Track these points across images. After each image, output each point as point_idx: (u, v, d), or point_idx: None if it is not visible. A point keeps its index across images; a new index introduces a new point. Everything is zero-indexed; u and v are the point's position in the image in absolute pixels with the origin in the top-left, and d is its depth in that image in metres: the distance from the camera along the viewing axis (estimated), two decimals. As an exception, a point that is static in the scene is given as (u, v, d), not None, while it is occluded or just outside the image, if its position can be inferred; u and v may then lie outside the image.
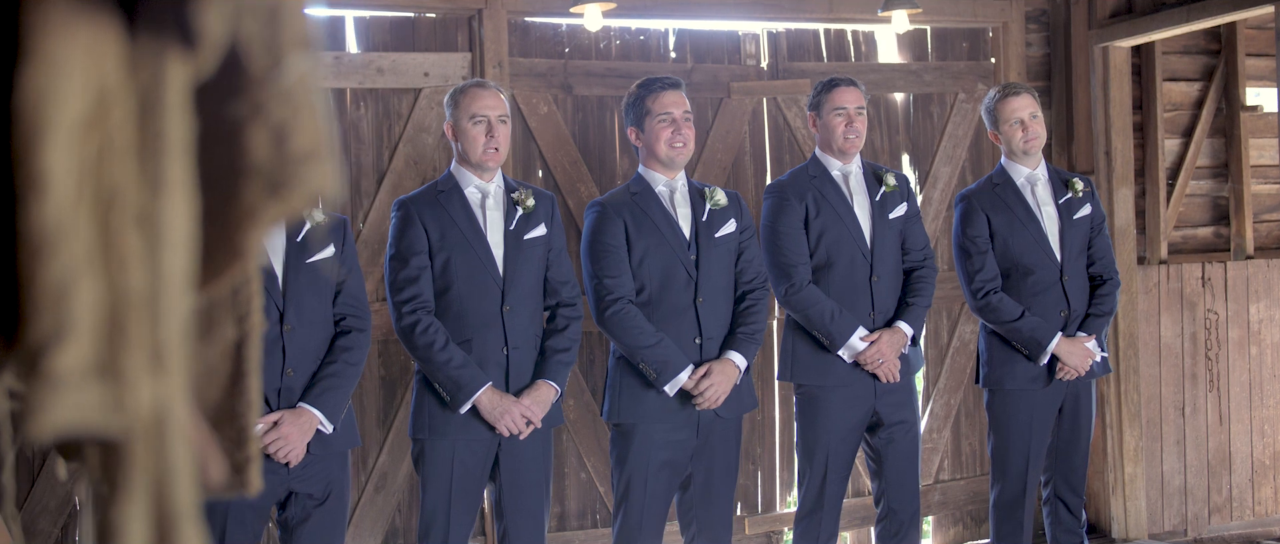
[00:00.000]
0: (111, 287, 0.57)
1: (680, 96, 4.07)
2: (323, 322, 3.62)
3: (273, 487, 3.54)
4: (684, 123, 4.05)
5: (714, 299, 4.07)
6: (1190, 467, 6.35)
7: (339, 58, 5.19)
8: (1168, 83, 6.48)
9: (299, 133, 0.65)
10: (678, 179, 4.12)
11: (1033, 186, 4.69)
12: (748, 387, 4.19)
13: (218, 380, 0.94)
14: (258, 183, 0.64)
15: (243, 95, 0.65)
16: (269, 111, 0.64)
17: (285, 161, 0.65)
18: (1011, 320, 4.60)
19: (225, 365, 0.94)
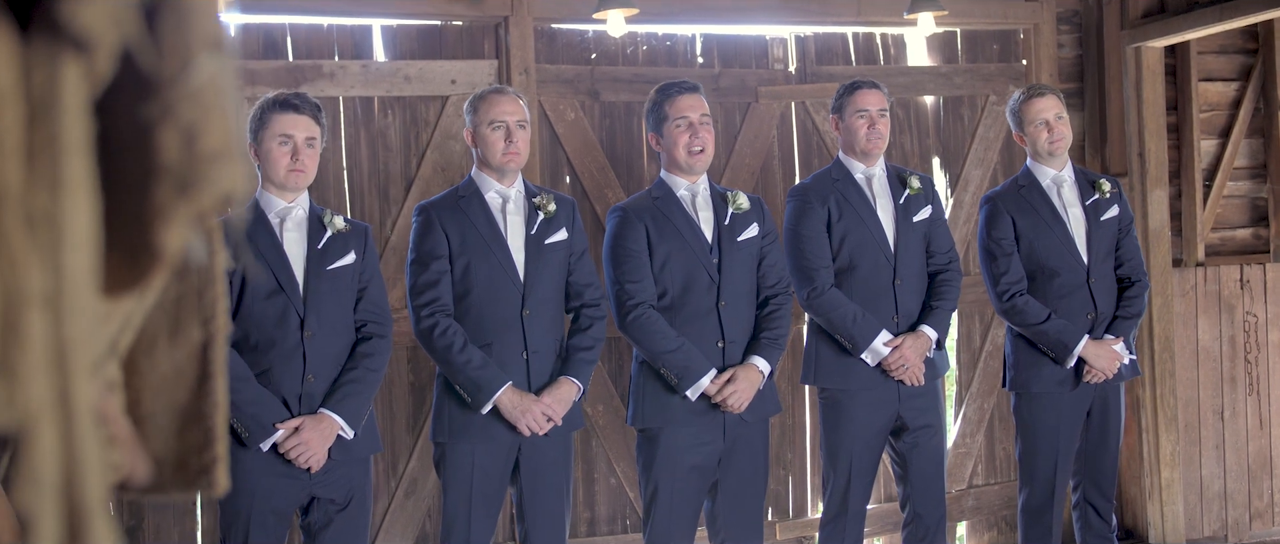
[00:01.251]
0: (2, 286, 0.58)
1: (697, 100, 4.06)
2: (344, 328, 3.64)
3: (295, 492, 3.57)
4: (702, 126, 4.03)
5: (736, 303, 4.06)
6: (1230, 471, 6.26)
7: (366, 66, 5.23)
8: (1204, 83, 6.40)
9: (208, 133, 0.66)
10: (700, 183, 4.11)
11: (1059, 188, 4.65)
12: (771, 391, 4.18)
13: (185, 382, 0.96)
14: (168, 183, 0.65)
15: (153, 97, 0.65)
16: (178, 113, 0.65)
17: (194, 162, 0.66)
18: (1037, 323, 4.55)
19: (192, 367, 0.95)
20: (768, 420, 4.19)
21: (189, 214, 0.66)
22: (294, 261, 3.60)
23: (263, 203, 3.63)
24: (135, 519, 4.88)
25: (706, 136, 4.04)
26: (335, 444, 3.57)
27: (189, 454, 0.96)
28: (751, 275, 4.10)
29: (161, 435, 0.96)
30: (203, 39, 0.66)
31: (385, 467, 5.25)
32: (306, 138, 3.58)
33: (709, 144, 4.05)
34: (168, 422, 0.96)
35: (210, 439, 0.95)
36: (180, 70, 0.65)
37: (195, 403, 0.95)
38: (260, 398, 3.49)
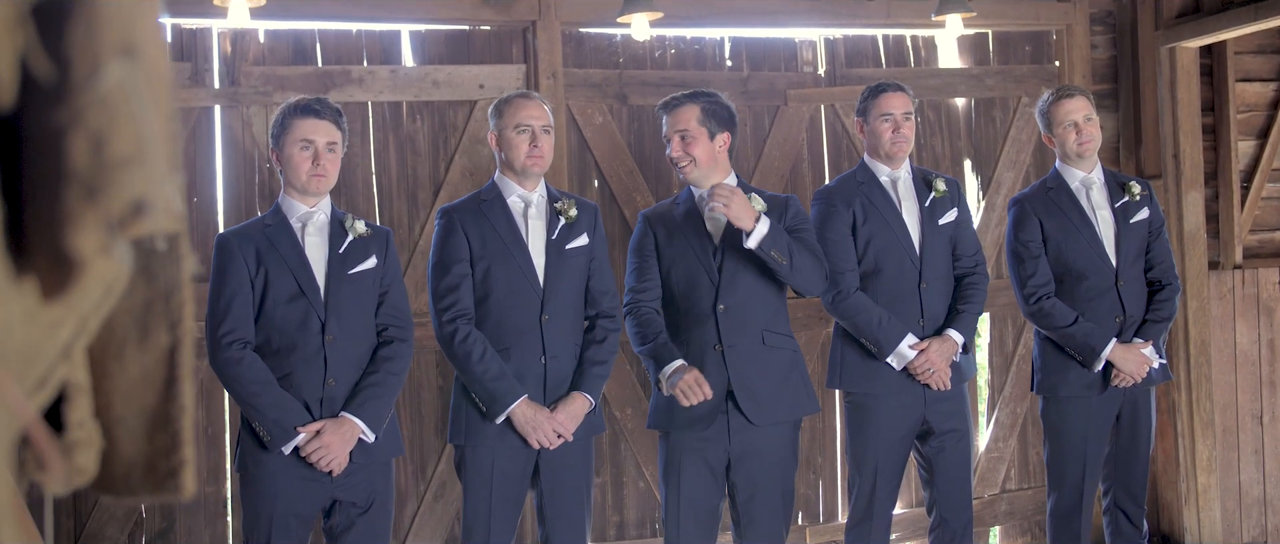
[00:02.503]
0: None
1: (679, 114, 4.03)
2: (365, 332, 3.66)
3: (316, 495, 3.59)
4: (682, 142, 4.02)
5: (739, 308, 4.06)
6: (1269, 476, 6.17)
7: (395, 71, 5.27)
8: (1241, 83, 6.31)
9: (116, 139, 0.66)
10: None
11: (1088, 190, 4.60)
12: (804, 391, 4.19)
13: (153, 386, 0.96)
14: (76, 188, 0.66)
15: (64, 103, 0.66)
16: (86, 119, 0.66)
17: (102, 167, 0.66)
18: (1065, 326, 4.50)
19: (160, 371, 0.96)
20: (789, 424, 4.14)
21: (97, 219, 0.67)
22: (315, 266, 3.61)
23: (284, 207, 3.66)
24: (167, 522, 4.93)
25: (691, 150, 4.05)
26: (357, 447, 3.59)
27: (157, 457, 0.96)
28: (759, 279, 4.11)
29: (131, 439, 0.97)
30: (112, 45, 0.66)
31: (414, 470, 5.28)
32: (328, 143, 3.60)
33: (692, 155, 4.05)
34: (137, 425, 0.96)
35: (177, 443, 0.95)
36: (89, 77, 0.66)
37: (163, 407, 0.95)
38: (282, 402, 3.51)
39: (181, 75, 4.97)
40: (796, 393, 4.10)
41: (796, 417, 4.12)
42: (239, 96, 5.02)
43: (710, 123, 4.07)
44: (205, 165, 5.02)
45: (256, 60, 5.09)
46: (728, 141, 4.13)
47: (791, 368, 4.10)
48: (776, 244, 3.91)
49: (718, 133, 4.09)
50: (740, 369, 4.03)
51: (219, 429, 4.98)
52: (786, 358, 4.09)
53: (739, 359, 4.02)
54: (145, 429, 0.97)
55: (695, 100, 4.09)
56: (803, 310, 5.64)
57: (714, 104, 4.11)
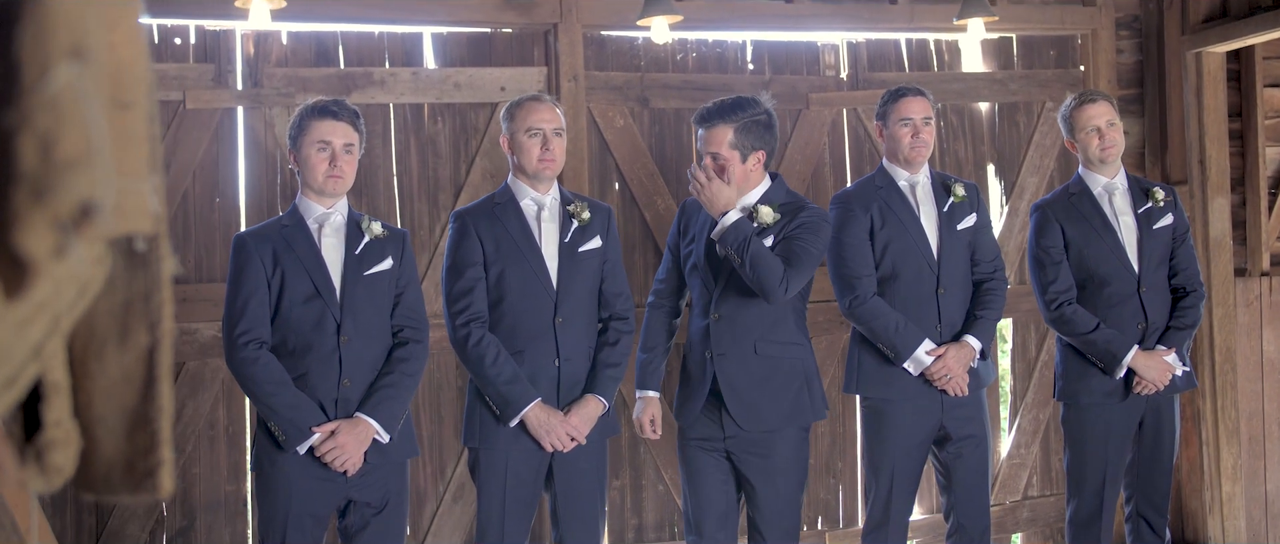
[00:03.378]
0: None
1: (713, 134, 4.00)
2: (380, 333, 3.68)
3: (331, 495, 3.61)
4: (714, 163, 3.99)
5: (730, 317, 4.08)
6: (1295, 486, 6.11)
7: (417, 73, 5.29)
8: (1270, 89, 6.25)
9: (64, 141, 0.67)
10: (747, 198, 4.07)
11: (1110, 196, 4.56)
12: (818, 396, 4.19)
13: (133, 385, 0.97)
14: (25, 189, 0.66)
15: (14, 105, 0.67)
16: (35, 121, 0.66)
17: (50, 169, 0.67)
18: (1086, 332, 4.47)
19: (140, 371, 0.97)
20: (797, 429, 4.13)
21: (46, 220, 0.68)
22: (331, 267, 3.63)
23: (302, 208, 3.68)
24: (188, 520, 4.96)
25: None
26: (371, 448, 3.61)
27: (136, 457, 0.97)
28: None
29: (112, 438, 0.98)
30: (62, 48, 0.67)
31: (433, 470, 5.30)
32: (345, 144, 3.62)
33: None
34: (117, 424, 0.97)
35: (155, 442, 0.96)
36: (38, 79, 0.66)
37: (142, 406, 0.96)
38: (297, 402, 3.53)
39: (204, 77, 5.01)
40: (796, 401, 4.05)
41: (793, 424, 4.06)
42: (261, 98, 5.05)
43: (743, 144, 3.99)
44: (228, 166, 5.05)
45: (279, 62, 5.13)
46: (762, 159, 4.05)
47: (791, 376, 4.05)
48: (735, 240, 3.86)
49: (751, 153, 4.01)
50: (728, 377, 4.03)
51: (240, 428, 5.01)
52: (785, 366, 4.05)
53: (727, 367, 4.03)
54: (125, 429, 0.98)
55: (730, 118, 3.97)
56: (824, 315, 5.63)
57: (750, 120, 3.99)
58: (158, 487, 0.97)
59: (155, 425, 0.96)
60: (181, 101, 4.97)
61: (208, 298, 4.82)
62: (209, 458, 4.99)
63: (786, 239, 3.97)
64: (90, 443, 0.98)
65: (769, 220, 3.96)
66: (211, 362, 4.83)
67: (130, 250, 0.95)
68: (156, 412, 0.96)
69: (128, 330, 0.96)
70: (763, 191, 4.07)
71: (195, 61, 5.03)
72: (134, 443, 0.97)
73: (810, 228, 4.00)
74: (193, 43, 5.04)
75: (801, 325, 4.16)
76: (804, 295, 4.17)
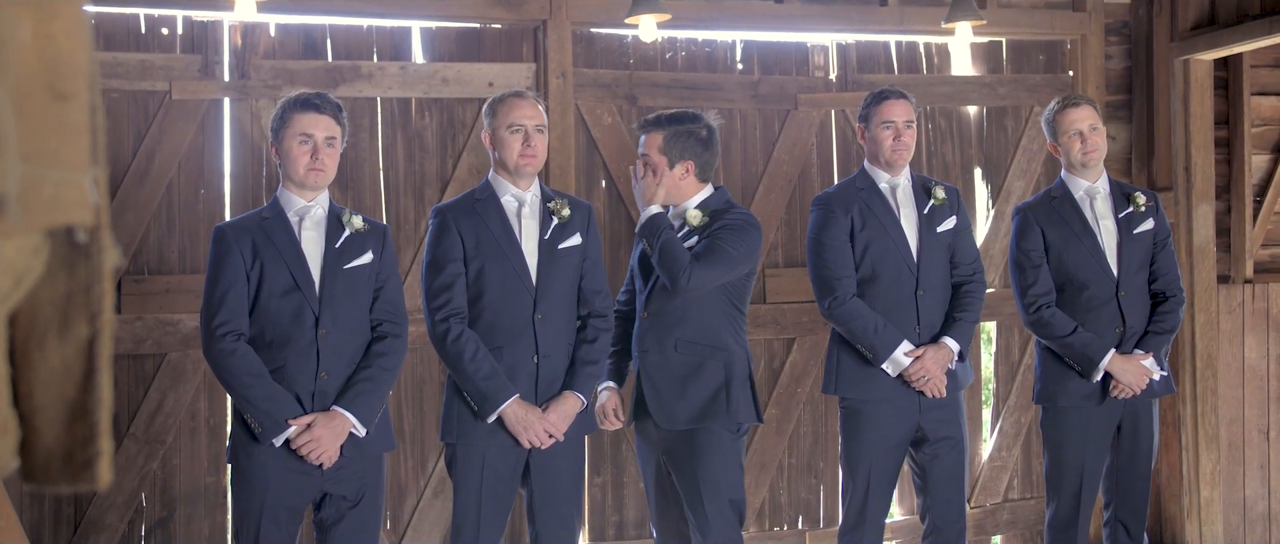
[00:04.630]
0: None
1: (647, 139, 4.11)
2: (358, 326, 3.68)
3: (307, 488, 3.61)
4: (645, 165, 4.10)
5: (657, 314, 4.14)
6: (1275, 492, 6.13)
7: (405, 68, 5.29)
8: (1256, 97, 6.27)
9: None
10: (684, 205, 4.13)
11: (1092, 200, 4.57)
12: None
13: (73, 377, 0.97)
14: None
15: None
16: None
17: None
18: (1063, 336, 4.48)
19: (79, 362, 0.97)
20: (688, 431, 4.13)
21: None
22: (311, 260, 3.63)
23: (282, 201, 3.68)
24: (167, 511, 4.97)
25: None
26: (348, 441, 3.61)
27: (75, 448, 0.97)
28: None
29: (51, 429, 0.98)
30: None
31: (414, 465, 5.30)
32: (326, 137, 3.62)
33: (649, 180, 4.10)
34: (57, 415, 0.98)
35: (94, 433, 0.97)
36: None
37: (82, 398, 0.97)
38: (274, 394, 3.53)
39: (191, 67, 5.01)
40: (712, 402, 4.03)
41: (708, 424, 4.04)
42: (248, 89, 5.05)
43: (671, 151, 4.08)
44: (213, 157, 5.05)
45: (267, 54, 5.13)
46: (690, 168, 4.10)
47: (711, 377, 4.04)
48: (649, 231, 3.99)
49: (679, 161, 4.08)
50: (649, 373, 4.09)
51: (221, 420, 5.01)
52: (707, 367, 4.04)
53: (649, 363, 4.09)
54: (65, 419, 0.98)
55: (665, 127, 4.10)
56: (807, 316, 5.64)
57: (684, 131, 4.08)
58: (96, 478, 0.97)
59: (94, 417, 0.97)
60: (168, 92, 4.97)
61: (191, 289, 4.82)
62: (189, 449, 5.00)
63: (709, 236, 4.01)
64: (30, 433, 0.99)
65: (696, 222, 4.05)
66: (193, 353, 4.83)
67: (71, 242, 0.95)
68: (96, 403, 0.97)
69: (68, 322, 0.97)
70: (701, 199, 4.13)
71: (182, 52, 5.03)
72: (73, 434, 0.98)
73: (732, 228, 4.03)
74: (180, 33, 5.04)
75: (733, 329, 4.11)
76: (737, 299, 4.12)
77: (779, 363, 5.75)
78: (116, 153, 4.92)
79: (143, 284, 4.92)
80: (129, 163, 4.92)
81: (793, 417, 5.76)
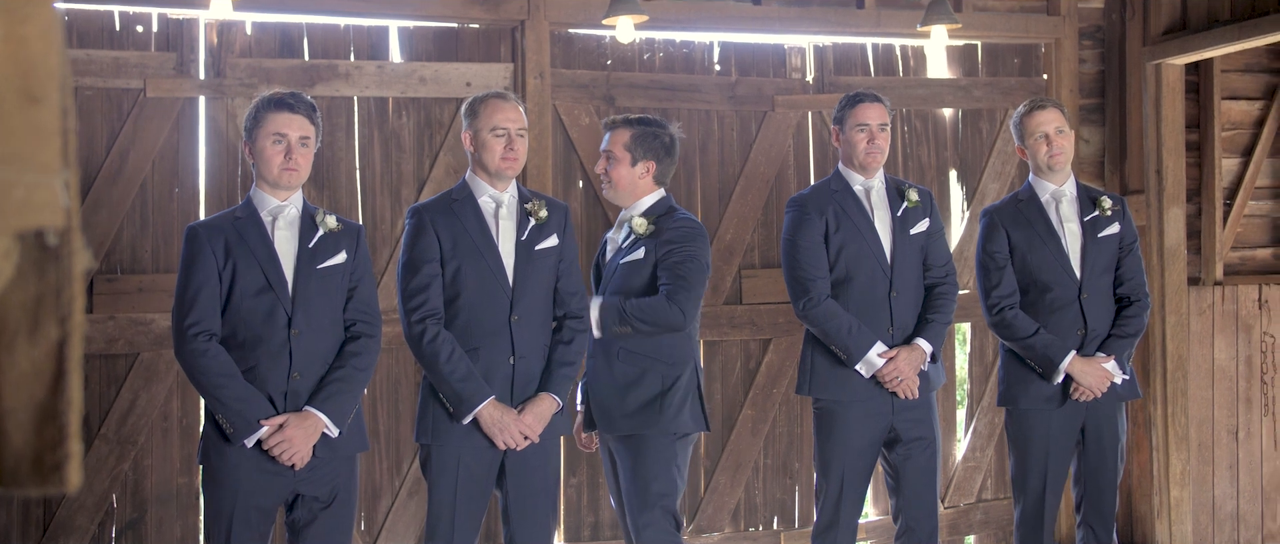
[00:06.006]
0: None
1: (614, 135, 4.21)
2: (332, 327, 3.66)
3: (279, 489, 3.59)
4: (606, 161, 4.20)
5: None
6: (1243, 492, 6.19)
7: (382, 67, 5.28)
8: (1227, 101, 6.33)
9: None
10: (635, 206, 4.18)
11: (1058, 203, 4.59)
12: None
13: (42, 380, 0.98)
14: None
15: None
16: None
17: None
18: (1025, 337, 4.50)
19: (50, 365, 0.97)
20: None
21: None
22: (284, 260, 3.62)
23: (256, 200, 3.66)
24: (138, 512, 4.94)
25: (613, 174, 4.19)
26: (320, 442, 3.59)
27: (44, 450, 0.98)
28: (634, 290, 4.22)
29: (21, 432, 0.98)
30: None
31: (389, 466, 5.29)
32: (300, 137, 3.61)
33: (611, 179, 4.19)
34: (27, 418, 0.98)
35: (63, 436, 0.97)
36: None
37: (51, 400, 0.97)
38: (246, 395, 3.51)
39: (166, 65, 4.99)
40: (646, 409, 4.06)
41: (644, 431, 4.06)
42: (224, 88, 5.03)
43: (637, 150, 4.17)
44: (188, 156, 5.03)
45: (243, 52, 5.11)
46: (651, 169, 4.19)
47: (649, 385, 4.06)
48: (612, 319, 4.08)
49: (642, 160, 4.18)
50: (593, 382, 4.16)
51: (194, 420, 4.99)
52: (648, 376, 4.07)
53: (592, 371, 4.17)
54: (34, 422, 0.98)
55: (631, 126, 4.20)
56: (782, 317, 5.66)
57: (650, 133, 4.19)
58: (65, 481, 0.97)
59: (64, 419, 0.97)
60: (142, 90, 4.94)
61: (164, 288, 4.80)
62: (162, 449, 4.97)
63: (668, 266, 4.06)
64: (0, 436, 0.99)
65: (641, 230, 4.10)
66: (166, 353, 4.81)
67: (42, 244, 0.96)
68: (65, 405, 0.97)
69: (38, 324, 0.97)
70: (651, 202, 4.20)
71: (157, 50, 5.01)
72: (42, 436, 0.98)
73: (684, 241, 4.09)
74: (155, 31, 5.02)
75: (680, 337, 4.13)
76: None
77: (755, 364, 5.77)
78: (90, 151, 4.89)
79: (115, 283, 4.89)
80: (102, 161, 4.90)
81: (768, 417, 5.78)
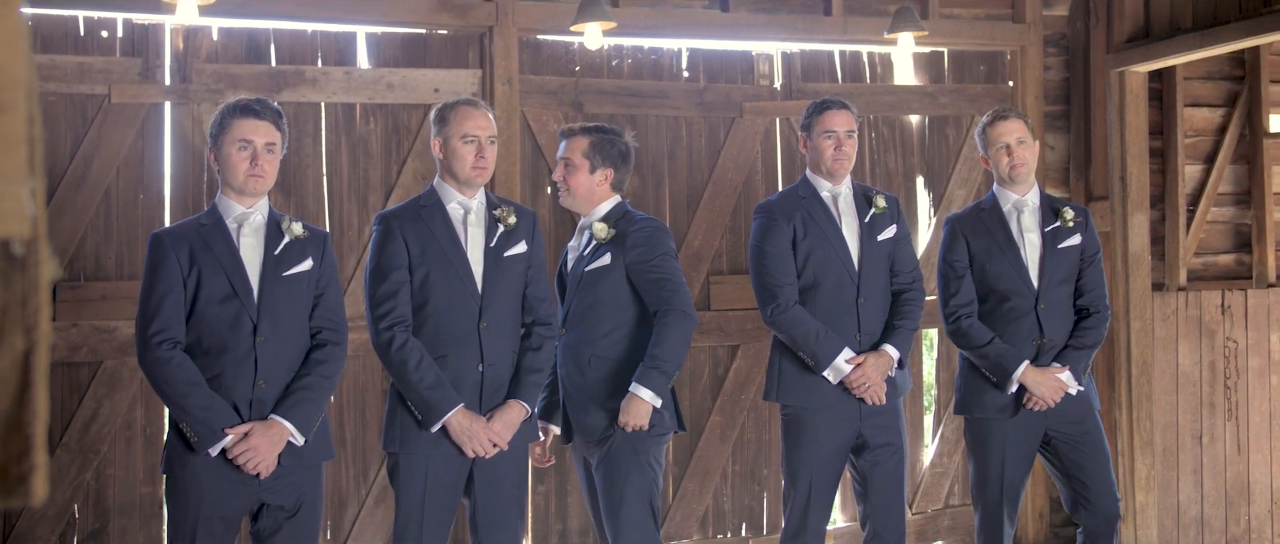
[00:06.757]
0: None
1: (572, 142, 4.22)
2: (298, 334, 3.63)
3: (244, 498, 3.55)
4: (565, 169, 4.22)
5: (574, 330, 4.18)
6: (1207, 497, 6.25)
7: (350, 73, 5.26)
8: (1189, 108, 6.40)
9: None
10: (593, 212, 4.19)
11: (1019, 213, 4.58)
12: None
13: (8, 390, 0.96)
14: None
15: None
16: None
17: None
18: (980, 346, 4.49)
19: (15, 375, 0.96)
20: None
21: None
22: (249, 267, 3.58)
23: (221, 207, 3.63)
24: (100, 522, 4.88)
25: (571, 181, 4.20)
26: (286, 450, 3.56)
27: (10, 462, 0.96)
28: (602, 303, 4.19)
29: (-15, 442, 0.97)
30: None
31: (355, 473, 5.27)
32: (266, 143, 3.58)
33: (571, 187, 4.20)
34: (-9, 428, 0.97)
35: (29, 447, 0.96)
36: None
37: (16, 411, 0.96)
38: (210, 403, 3.47)
39: (131, 71, 4.95)
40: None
41: (618, 431, 4.05)
42: (190, 94, 5.00)
43: (595, 157, 4.19)
44: (153, 162, 4.99)
45: (209, 57, 5.08)
46: (609, 177, 4.21)
47: (620, 389, 4.05)
48: (655, 384, 4.06)
49: (600, 167, 4.19)
50: (566, 389, 4.14)
51: (157, 429, 4.95)
52: (621, 379, 4.06)
53: (566, 380, 4.14)
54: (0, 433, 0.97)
55: (589, 134, 4.22)
56: (752, 323, 5.67)
57: (607, 140, 4.21)
58: (30, 492, 0.96)
59: (30, 430, 0.96)
60: (107, 95, 4.90)
61: (128, 296, 4.76)
62: (125, 459, 4.93)
63: (649, 282, 4.08)
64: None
65: (602, 235, 4.12)
66: (130, 361, 4.77)
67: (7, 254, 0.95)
68: (31, 416, 0.96)
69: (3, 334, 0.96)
70: (609, 207, 4.21)
71: (122, 55, 4.97)
72: (7, 448, 0.96)
73: (650, 246, 4.10)
74: (120, 36, 4.98)
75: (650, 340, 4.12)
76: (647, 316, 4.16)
77: (723, 370, 5.78)
78: (53, 157, 4.84)
79: (79, 291, 4.85)
80: (66, 167, 4.86)
81: (736, 424, 5.79)
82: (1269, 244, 6.44)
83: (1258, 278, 6.44)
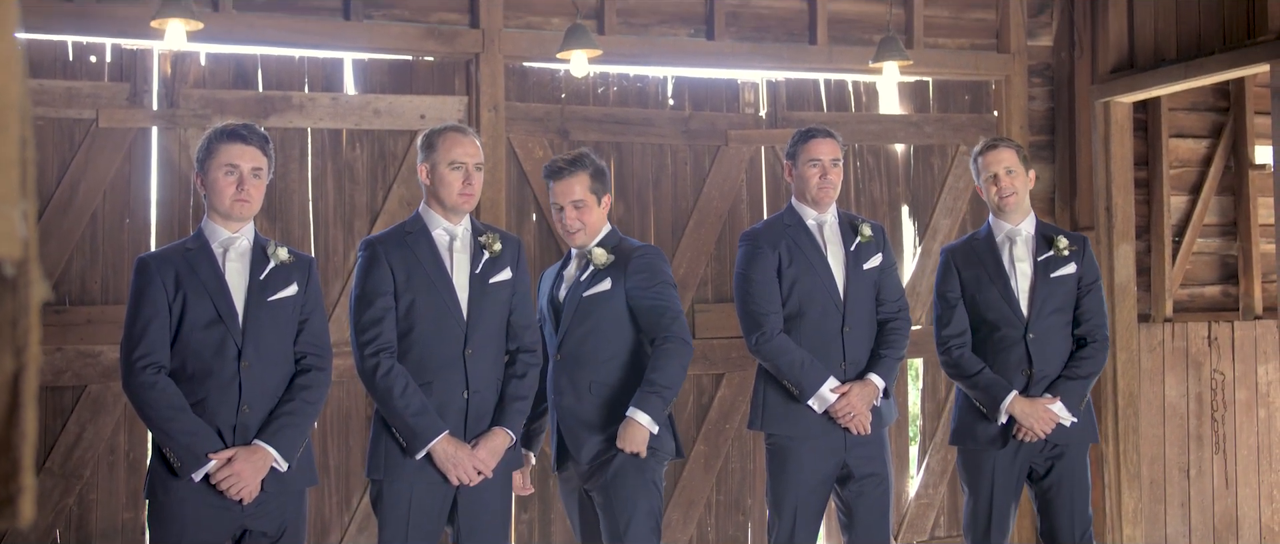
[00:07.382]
0: None
1: (571, 182, 4.10)
2: (282, 360, 3.61)
3: (227, 523, 3.52)
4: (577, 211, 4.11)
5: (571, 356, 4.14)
6: (1195, 531, 6.24)
7: (336, 99, 5.26)
8: (1175, 139, 6.45)
9: None
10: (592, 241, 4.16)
11: (1012, 243, 4.57)
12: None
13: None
14: None
15: None
16: None
17: None
18: (971, 376, 4.48)
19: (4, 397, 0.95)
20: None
21: None
22: (235, 292, 3.57)
23: (207, 232, 3.62)
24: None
25: (573, 218, 4.12)
26: (269, 476, 3.54)
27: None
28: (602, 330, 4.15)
29: (-27, 465, 0.96)
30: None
31: (339, 500, 5.24)
32: (253, 168, 3.58)
33: (576, 225, 4.11)
34: (-21, 451, 0.96)
35: (17, 469, 0.95)
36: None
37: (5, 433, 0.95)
38: (194, 428, 3.45)
39: (119, 96, 4.94)
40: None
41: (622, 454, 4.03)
42: (177, 118, 4.99)
43: (597, 187, 4.14)
44: (140, 187, 4.98)
45: (196, 83, 5.07)
46: (609, 202, 4.20)
47: (621, 411, 4.02)
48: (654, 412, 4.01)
49: (603, 195, 4.17)
50: (564, 415, 4.09)
51: (141, 454, 4.92)
52: (621, 406, 4.02)
53: (563, 408, 4.09)
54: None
55: (582, 167, 4.14)
56: (737, 351, 5.67)
57: (598, 168, 4.18)
58: (18, 514, 0.95)
59: (18, 452, 0.95)
60: (95, 120, 4.89)
61: (113, 320, 4.74)
62: (108, 484, 4.89)
63: (647, 310, 4.05)
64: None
65: (601, 261, 4.07)
66: (114, 385, 4.74)
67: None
68: (20, 438, 0.95)
69: (-9, 356, 0.95)
70: (605, 233, 4.19)
71: (110, 80, 4.96)
72: (-5, 470, 0.96)
73: (650, 273, 4.08)
74: (108, 61, 4.98)
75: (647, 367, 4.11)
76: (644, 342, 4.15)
77: (707, 399, 5.77)
78: (41, 181, 4.83)
79: (64, 315, 4.83)
80: (53, 191, 4.84)
81: (721, 453, 5.78)
82: (1256, 276, 6.47)
83: (1244, 310, 6.47)
